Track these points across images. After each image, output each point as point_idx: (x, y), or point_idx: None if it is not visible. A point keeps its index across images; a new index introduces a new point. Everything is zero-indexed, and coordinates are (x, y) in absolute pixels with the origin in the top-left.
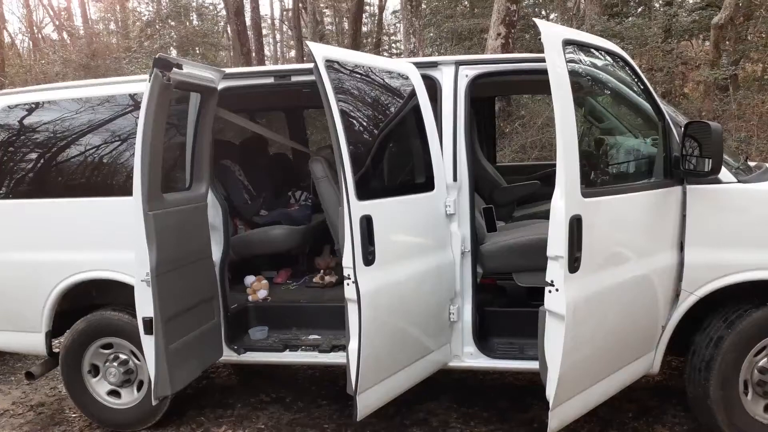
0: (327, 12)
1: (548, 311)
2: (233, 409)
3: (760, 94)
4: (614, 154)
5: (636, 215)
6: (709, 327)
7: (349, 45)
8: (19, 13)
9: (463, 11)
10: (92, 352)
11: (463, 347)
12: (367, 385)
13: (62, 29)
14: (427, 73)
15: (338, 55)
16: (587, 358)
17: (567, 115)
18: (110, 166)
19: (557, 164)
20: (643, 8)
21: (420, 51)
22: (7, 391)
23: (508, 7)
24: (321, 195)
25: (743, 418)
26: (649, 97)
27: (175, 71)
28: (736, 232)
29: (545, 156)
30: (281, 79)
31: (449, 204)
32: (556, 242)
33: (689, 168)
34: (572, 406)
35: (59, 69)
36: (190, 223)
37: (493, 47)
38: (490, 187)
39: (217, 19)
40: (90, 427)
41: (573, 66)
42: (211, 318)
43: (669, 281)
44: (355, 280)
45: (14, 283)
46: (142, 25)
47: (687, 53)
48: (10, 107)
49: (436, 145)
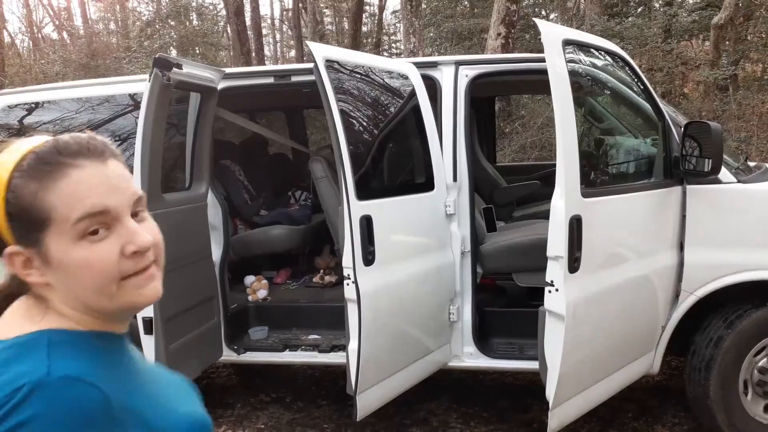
0: (327, 12)
1: (548, 311)
2: (233, 409)
3: (760, 95)
4: (614, 154)
5: (636, 215)
6: (708, 327)
7: (349, 45)
8: (19, 13)
9: (463, 11)
10: None
11: (463, 347)
12: (366, 385)
13: (62, 29)
14: (427, 73)
15: (338, 55)
16: (587, 358)
17: (567, 115)
18: None
19: (557, 164)
20: (643, 8)
21: (420, 51)
22: None
23: (508, 7)
24: (321, 195)
25: (743, 419)
26: (649, 97)
27: (174, 71)
28: (736, 232)
29: (545, 156)
30: (281, 79)
31: (449, 204)
32: (556, 242)
33: (689, 168)
34: (572, 406)
35: (59, 69)
36: (190, 223)
37: (493, 47)
38: (490, 187)
39: (217, 19)
40: None
41: (573, 66)
42: (211, 318)
43: (669, 281)
44: (355, 280)
45: None
46: (142, 25)
47: (687, 53)
48: (10, 107)
49: (436, 145)
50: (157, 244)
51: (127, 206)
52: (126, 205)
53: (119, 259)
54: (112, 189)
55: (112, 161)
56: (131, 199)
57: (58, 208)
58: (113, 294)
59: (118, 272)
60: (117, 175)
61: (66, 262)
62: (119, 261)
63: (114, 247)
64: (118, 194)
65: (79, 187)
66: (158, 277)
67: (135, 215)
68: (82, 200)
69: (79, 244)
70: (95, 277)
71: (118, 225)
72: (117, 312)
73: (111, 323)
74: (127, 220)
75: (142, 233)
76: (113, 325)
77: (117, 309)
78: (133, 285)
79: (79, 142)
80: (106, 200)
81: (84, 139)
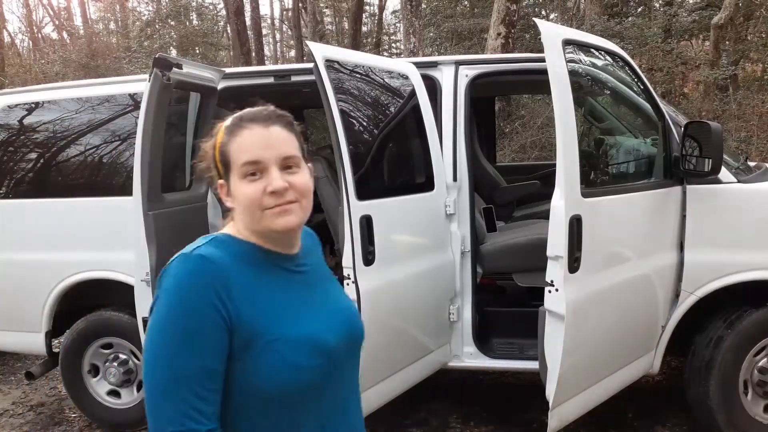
0: (327, 12)
1: (548, 311)
2: None
3: (760, 94)
4: (614, 154)
5: (636, 215)
6: (709, 327)
7: (349, 45)
8: (19, 13)
9: (463, 11)
10: (92, 352)
11: (463, 347)
12: (366, 385)
13: (62, 29)
14: (427, 73)
15: (338, 55)
16: (587, 358)
17: (567, 115)
18: (110, 166)
19: (557, 164)
20: (643, 8)
21: (420, 51)
22: (6, 391)
23: (508, 6)
24: (321, 195)
25: (743, 419)
26: (649, 97)
27: (174, 71)
28: (736, 232)
29: (545, 156)
30: (281, 79)
31: (449, 204)
32: (556, 242)
33: (689, 168)
34: (572, 406)
35: (59, 69)
36: (190, 223)
37: (493, 47)
38: (490, 187)
39: (216, 19)
40: (90, 427)
41: (573, 66)
42: None
43: (669, 281)
44: (355, 280)
45: (14, 282)
46: (142, 25)
47: (687, 53)
48: (10, 107)
49: (436, 144)
50: (297, 189)
51: (275, 160)
52: (275, 159)
53: (262, 195)
54: (267, 146)
55: (275, 127)
56: (281, 156)
57: (233, 156)
58: (258, 218)
59: (261, 204)
60: (274, 137)
61: (235, 192)
62: (262, 197)
63: (260, 187)
64: (270, 150)
65: (244, 142)
66: (294, 213)
67: (288, 167)
68: (245, 152)
69: (242, 182)
70: (247, 204)
71: (267, 172)
72: (263, 232)
73: (267, 242)
74: (273, 170)
75: (278, 179)
76: (271, 244)
77: (262, 229)
78: (270, 214)
79: (253, 112)
80: (259, 154)
81: (258, 109)
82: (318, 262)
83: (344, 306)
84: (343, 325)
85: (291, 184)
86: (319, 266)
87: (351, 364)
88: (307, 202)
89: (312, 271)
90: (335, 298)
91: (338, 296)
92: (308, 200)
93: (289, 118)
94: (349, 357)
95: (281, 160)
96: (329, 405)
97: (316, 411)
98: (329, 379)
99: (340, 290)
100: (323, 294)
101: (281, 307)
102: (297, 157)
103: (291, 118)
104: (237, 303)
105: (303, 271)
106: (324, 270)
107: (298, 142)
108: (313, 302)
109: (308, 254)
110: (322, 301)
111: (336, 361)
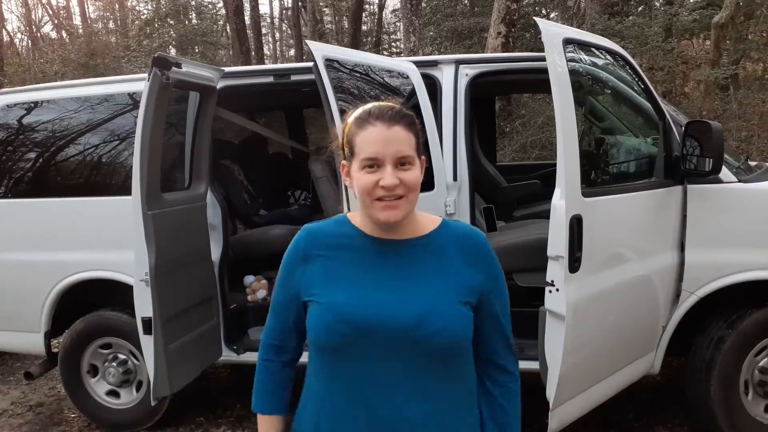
0: (326, 11)
1: (548, 311)
2: (232, 409)
3: (760, 94)
4: (615, 153)
5: (636, 215)
6: (709, 327)
7: (349, 44)
8: (18, 12)
9: (464, 10)
10: (91, 352)
11: None
12: None
13: (61, 28)
14: (427, 72)
15: (338, 54)
16: (587, 358)
17: (567, 115)
18: (109, 165)
19: (557, 164)
20: (643, 7)
21: (420, 50)
22: (5, 391)
23: (509, 5)
24: (320, 194)
25: (744, 419)
26: (650, 96)
27: (174, 70)
28: (736, 232)
29: (545, 155)
30: (281, 78)
31: (449, 203)
32: (557, 242)
33: (690, 168)
34: (572, 406)
35: (58, 68)
36: (190, 223)
37: (493, 46)
38: (490, 187)
39: (216, 18)
40: (89, 427)
41: (573, 65)
42: (211, 318)
43: (669, 281)
44: None
45: (13, 282)
46: (141, 24)
47: (687, 52)
48: (9, 106)
49: (436, 144)
50: (406, 184)
51: (391, 158)
52: (391, 157)
53: (375, 187)
54: (386, 144)
55: (396, 126)
56: (397, 155)
57: (357, 147)
58: (368, 206)
59: (372, 194)
60: (393, 136)
61: (354, 178)
62: (375, 188)
63: (374, 179)
64: (388, 148)
65: (368, 138)
66: (399, 208)
67: (402, 164)
68: (366, 148)
69: (360, 171)
70: (361, 192)
71: (382, 167)
72: (370, 218)
73: (375, 226)
74: (388, 167)
75: (391, 176)
76: (376, 230)
77: (369, 215)
78: (378, 206)
79: (380, 109)
80: (378, 151)
81: (385, 107)
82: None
83: (421, 300)
84: (396, 311)
85: (402, 181)
86: (432, 260)
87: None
88: (413, 196)
89: (414, 261)
90: (417, 289)
91: (424, 289)
92: (415, 194)
93: (410, 118)
94: (393, 339)
95: (397, 159)
96: (362, 374)
97: (346, 372)
98: (355, 348)
99: (436, 286)
100: (407, 281)
101: (343, 278)
102: (411, 156)
103: (413, 118)
104: (312, 269)
105: (401, 255)
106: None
107: (415, 140)
108: (380, 283)
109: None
110: (396, 287)
111: (368, 335)
